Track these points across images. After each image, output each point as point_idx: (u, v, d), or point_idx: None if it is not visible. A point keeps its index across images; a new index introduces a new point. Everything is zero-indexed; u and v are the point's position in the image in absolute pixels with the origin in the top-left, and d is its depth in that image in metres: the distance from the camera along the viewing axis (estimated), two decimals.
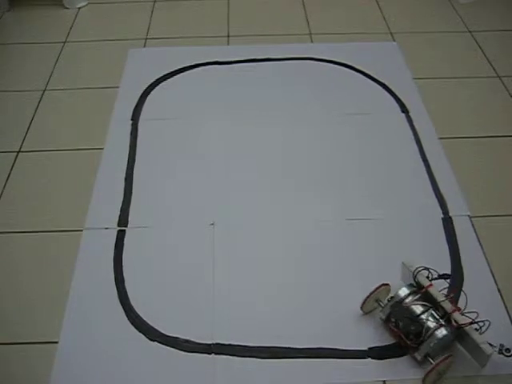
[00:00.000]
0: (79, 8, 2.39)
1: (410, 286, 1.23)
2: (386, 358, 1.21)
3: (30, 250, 1.44)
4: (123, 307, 1.31)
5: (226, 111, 1.84)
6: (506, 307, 1.30)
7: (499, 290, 1.33)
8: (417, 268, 1.22)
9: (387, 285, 1.25)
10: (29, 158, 1.69)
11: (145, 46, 2.16)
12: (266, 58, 2.06)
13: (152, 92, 1.92)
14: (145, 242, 1.45)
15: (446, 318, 1.16)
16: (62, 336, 1.26)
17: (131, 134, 1.76)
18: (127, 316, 1.29)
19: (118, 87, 1.94)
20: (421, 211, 1.52)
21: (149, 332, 1.26)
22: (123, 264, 1.40)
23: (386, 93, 1.90)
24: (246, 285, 1.35)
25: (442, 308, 1.17)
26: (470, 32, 2.20)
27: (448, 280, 1.31)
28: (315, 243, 1.44)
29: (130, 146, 1.72)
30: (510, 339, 1.22)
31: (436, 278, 1.22)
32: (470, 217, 1.50)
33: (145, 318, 1.29)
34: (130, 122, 1.80)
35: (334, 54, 2.06)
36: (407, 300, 1.19)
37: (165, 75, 1.99)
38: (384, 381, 1.18)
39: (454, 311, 1.16)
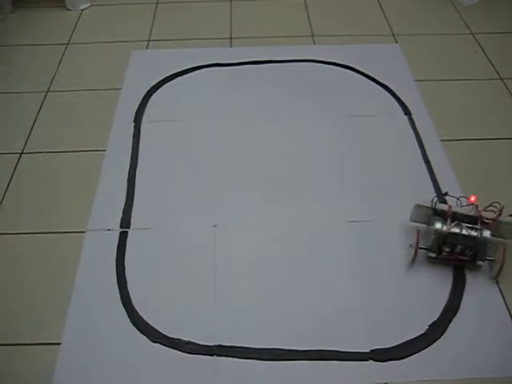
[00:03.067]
0: (82, 10, 2.39)
1: (436, 218, 1.36)
2: (388, 360, 1.21)
3: (33, 251, 1.44)
4: (125, 309, 1.31)
5: (228, 113, 1.84)
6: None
7: (502, 293, 1.33)
8: (431, 201, 1.37)
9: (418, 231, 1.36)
10: (31, 159, 1.70)
11: (147, 47, 2.16)
12: (268, 59, 2.06)
13: (154, 94, 1.92)
14: (147, 243, 1.46)
15: (479, 222, 1.33)
16: (64, 337, 1.26)
17: (133, 135, 1.76)
18: (129, 317, 1.29)
19: (120, 89, 1.95)
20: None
21: (151, 333, 1.26)
22: (125, 265, 1.40)
23: (389, 95, 1.90)
24: (248, 287, 1.36)
25: (471, 217, 1.35)
26: (472, 34, 2.20)
27: (448, 194, 1.44)
28: (317, 245, 1.44)
29: (133, 148, 1.72)
30: None
31: (443, 199, 1.41)
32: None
33: (147, 320, 1.29)
34: (133, 123, 1.81)
35: (336, 55, 2.06)
36: (444, 228, 1.32)
37: (167, 77, 2.00)
38: (386, 383, 1.18)
39: (480, 214, 1.34)
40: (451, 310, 1.30)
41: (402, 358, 1.22)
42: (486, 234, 1.32)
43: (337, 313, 1.30)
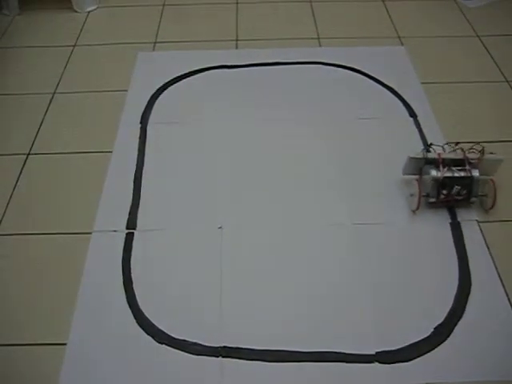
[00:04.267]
0: (89, 12, 2.40)
1: (431, 166, 1.48)
2: (394, 363, 1.21)
3: (39, 252, 1.45)
4: (131, 310, 1.31)
5: (234, 115, 1.85)
6: None
7: (507, 295, 1.33)
8: (422, 151, 1.52)
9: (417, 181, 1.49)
10: (38, 160, 1.71)
11: (154, 49, 2.17)
12: (274, 62, 2.06)
13: (161, 95, 1.93)
14: (153, 244, 1.46)
15: (466, 163, 1.48)
16: (70, 338, 1.27)
17: (140, 137, 1.77)
18: (135, 318, 1.30)
19: (126, 91, 1.95)
20: (429, 216, 1.51)
21: (157, 335, 1.27)
22: (131, 267, 1.41)
23: (394, 97, 1.90)
24: (253, 288, 1.36)
25: (459, 160, 1.49)
26: (478, 36, 2.20)
27: (432, 145, 1.56)
28: (322, 246, 1.44)
29: (139, 150, 1.72)
30: None
31: (428, 149, 1.54)
32: (478, 222, 1.50)
33: (153, 321, 1.29)
34: (139, 125, 1.81)
35: (342, 58, 2.06)
36: (439, 174, 1.45)
37: (173, 79, 2.00)
38: None
39: (465, 156, 1.49)
40: (456, 312, 1.30)
41: (407, 360, 1.22)
42: (475, 172, 1.47)
43: (342, 314, 1.30)
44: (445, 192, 1.46)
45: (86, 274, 1.39)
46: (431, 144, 1.56)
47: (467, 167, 1.48)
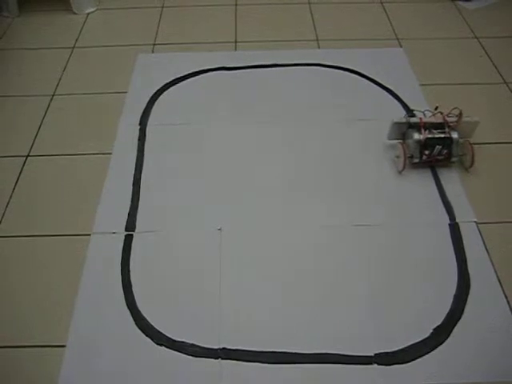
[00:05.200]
0: (88, 14, 2.40)
1: (413, 130, 1.61)
2: (393, 364, 1.22)
3: (39, 253, 1.45)
4: (130, 311, 1.32)
5: (233, 117, 1.85)
6: None
7: (506, 297, 1.33)
8: (405, 116, 1.65)
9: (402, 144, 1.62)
10: (37, 162, 1.71)
11: (153, 51, 2.17)
12: (273, 63, 2.07)
13: (160, 97, 1.93)
14: (152, 246, 1.46)
15: (446, 126, 1.61)
16: (69, 339, 1.27)
17: (139, 138, 1.77)
18: (134, 320, 1.30)
19: (126, 92, 1.95)
20: (428, 217, 1.52)
21: (156, 336, 1.27)
22: (130, 268, 1.41)
23: (393, 99, 1.90)
24: (252, 290, 1.36)
25: (439, 123, 1.61)
26: (476, 38, 2.20)
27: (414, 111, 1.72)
28: (322, 249, 1.45)
29: (138, 151, 1.73)
30: None
31: (411, 115, 1.66)
32: (477, 223, 1.50)
33: (152, 323, 1.29)
34: (138, 126, 1.81)
35: (340, 59, 2.07)
36: (421, 137, 1.58)
37: (172, 81, 2.00)
38: None
39: (445, 119, 1.61)
40: (455, 314, 1.30)
41: (406, 361, 1.22)
42: (454, 134, 1.59)
43: (341, 316, 1.30)
44: (427, 152, 1.59)
45: (85, 275, 1.39)
46: (413, 110, 1.68)
47: (447, 130, 1.60)
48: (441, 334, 1.27)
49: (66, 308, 1.33)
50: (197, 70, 2.05)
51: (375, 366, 1.22)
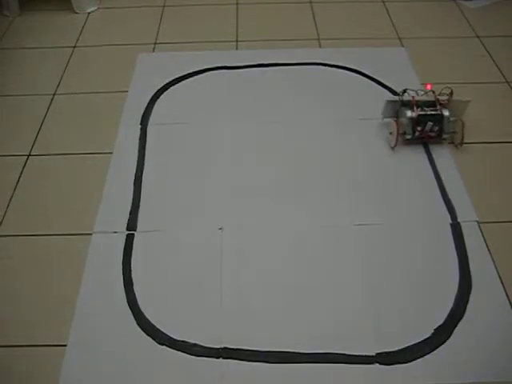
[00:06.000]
0: (89, 13, 2.40)
1: (406, 107, 1.67)
2: (394, 364, 1.21)
3: (40, 253, 1.45)
4: (132, 311, 1.32)
5: (234, 116, 1.85)
6: None
7: (508, 297, 1.33)
8: (398, 95, 1.71)
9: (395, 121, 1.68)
10: (38, 161, 1.71)
11: (154, 50, 2.17)
12: (274, 62, 2.06)
13: (161, 97, 1.93)
14: (153, 246, 1.46)
15: (437, 104, 1.66)
16: (70, 339, 1.27)
17: (140, 138, 1.77)
18: (136, 319, 1.30)
19: (126, 91, 1.95)
20: (429, 217, 1.52)
21: (157, 336, 1.27)
22: (132, 268, 1.41)
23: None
24: (254, 289, 1.36)
25: (431, 102, 1.68)
26: (478, 37, 2.20)
27: (406, 91, 1.71)
28: (324, 248, 1.44)
29: (139, 151, 1.73)
30: None
31: (403, 93, 1.70)
32: (479, 222, 1.50)
33: (153, 322, 1.29)
34: (139, 126, 1.81)
35: (342, 59, 2.06)
36: (414, 114, 1.64)
37: (174, 80, 2.00)
38: None
39: (436, 98, 1.67)
40: (457, 314, 1.30)
41: (408, 361, 1.22)
42: (445, 112, 1.65)
43: (343, 316, 1.30)
44: (419, 128, 1.65)
45: (86, 275, 1.39)
46: (406, 89, 1.69)
47: (438, 107, 1.66)
48: (442, 333, 1.26)
49: (67, 307, 1.32)
50: (198, 69, 2.05)
51: (376, 365, 1.21)
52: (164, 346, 1.25)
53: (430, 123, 1.63)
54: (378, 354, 1.23)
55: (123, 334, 1.27)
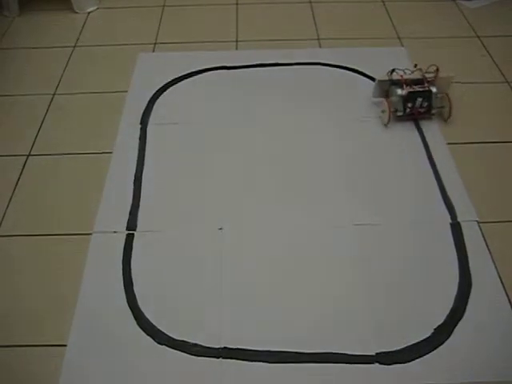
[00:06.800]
0: (89, 13, 2.40)
1: (396, 86, 1.76)
2: (394, 364, 1.21)
3: (40, 253, 1.45)
4: (132, 311, 1.32)
5: (234, 116, 1.85)
6: None
7: (508, 297, 1.33)
8: (387, 74, 1.80)
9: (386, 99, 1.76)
10: (38, 161, 1.71)
11: (154, 50, 2.17)
12: (274, 62, 2.06)
13: (161, 96, 1.93)
14: (153, 245, 1.46)
15: (425, 82, 1.76)
16: (70, 339, 1.27)
17: (140, 138, 1.77)
18: (135, 319, 1.30)
19: (126, 91, 1.95)
20: (429, 216, 1.51)
21: (157, 335, 1.27)
22: (132, 268, 1.41)
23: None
24: (254, 289, 1.36)
25: (418, 79, 1.77)
26: (478, 37, 2.20)
27: (395, 70, 1.80)
28: (322, 248, 1.44)
29: (139, 150, 1.73)
30: None
31: (392, 73, 1.80)
32: (479, 222, 1.50)
33: (153, 322, 1.29)
34: (139, 126, 1.81)
35: (342, 59, 2.06)
36: (404, 92, 1.73)
37: (173, 80, 2.00)
38: None
39: (423, 76, 1.76)
40: (457, 313, 1.30)
41: (408, 361, 1.22)
42: (433, 88, 1.74)
43: (342, 315, 1.30)
44: (410, 105, 1.74)
45: (86, 274, 1.39)
46: (394, 69, 1.79)
47: (426, 85, 1.75)
48: (442, 333, 1.26)
49: (67, 307, 1.32)
50: (198, 69, 2.05)
51: (376, 365, 1.21)
52: (164, 346, 1.25)
53: (420, 99, 1.72)
54: (377, 353, 1.23)
55: (123, 334, 1.27)
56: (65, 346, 1.26)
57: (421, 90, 1.74)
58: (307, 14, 2.36)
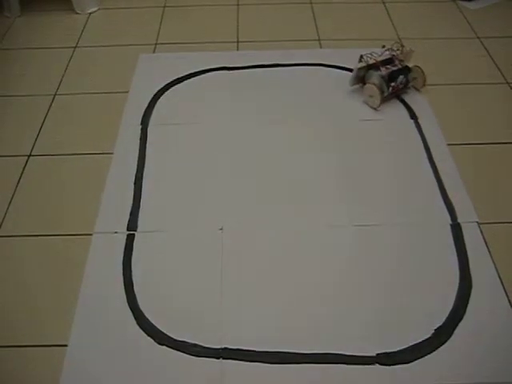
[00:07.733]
0: (90, 13, 2.41)
1: (372, 70, 1.86)
2: (394, 365, 1.21)
3: (40, 253, 1.45)
4: (132, 311, 1.32)
5: (234, 116, 1.85)
6: None
7: (508, 297, 1.33)
8: (359, 61, 1.88)
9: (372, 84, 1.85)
10: (39, 162, 1.71)
11: (155, 51, 2.17)
12: (275, 63, 2.07)
13: (161, 97, 1.93)
14: (154, 246, 1.46)
15: (396, 59, 1.88)
16: (71, 339, 1.27)
17: (140, 138, 1.77)
18: (136, 320, 1.30)
19: (127, 92, 1.96)
20: (429, 217, 1.52)
21: (157, 336, 1.27)
22: (132, 268, 1.41)
23: (395, 99, 1.90)
24: (254, 290, 1.36)
25: (390, 59, 1.88)
26: (478, 38, 2.20)
27: (362, 56, 1.89)
28: (324, 248, 1.45)
29: (140, 151, 1.73)
30: None
31: (361, 59, 1.88)
32: (479, 223, 1.50)
33: (153, 322, 1.29)
34: (140, 126, 1.81)
35: (343, 59, 2.06)
36: (384, 73, 1.83)
37: (174, 80, 2.01)
38: None
39: (393, 55, 1.89)
40: (457, 314, 1.30)
41: (408, 362, 1.22)
42: (408, 63, 1.87)
43: (342, 316, 1.30)
44: (393, 84, 1.83)
45: (86, 275, 1.39)
46: (361, 55, 1.87)
47: (396, 62, 1.87)
48: (442, 334, 1.26)
49: (68, 307, 1.33)
50: (198, 69, 2.05)
51: (377, 366, 1.21)
52: (164, 346, 1.25)
53: (402, 76, 1.83)
54: (378, 354, 1.23)
55: (123, 334, 1.27)
56: (66, 346, 1.26)
57: (400, 67, 1.85)
58: (308, 14, 2.36)
